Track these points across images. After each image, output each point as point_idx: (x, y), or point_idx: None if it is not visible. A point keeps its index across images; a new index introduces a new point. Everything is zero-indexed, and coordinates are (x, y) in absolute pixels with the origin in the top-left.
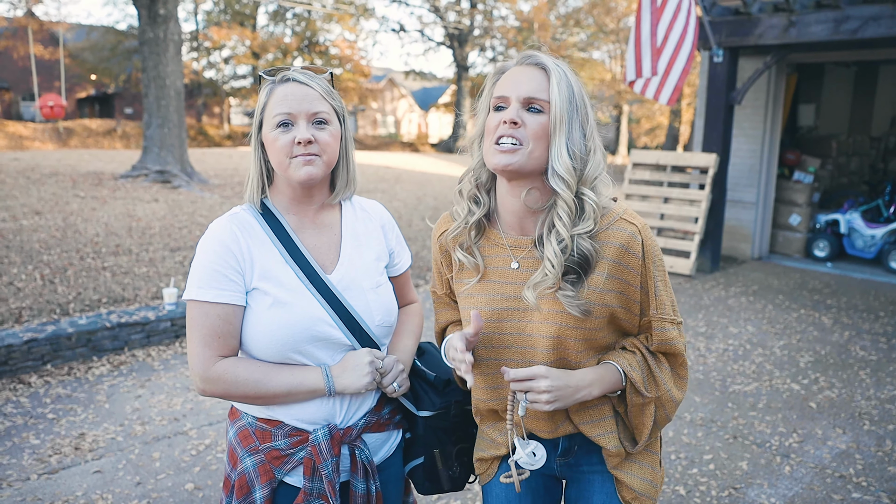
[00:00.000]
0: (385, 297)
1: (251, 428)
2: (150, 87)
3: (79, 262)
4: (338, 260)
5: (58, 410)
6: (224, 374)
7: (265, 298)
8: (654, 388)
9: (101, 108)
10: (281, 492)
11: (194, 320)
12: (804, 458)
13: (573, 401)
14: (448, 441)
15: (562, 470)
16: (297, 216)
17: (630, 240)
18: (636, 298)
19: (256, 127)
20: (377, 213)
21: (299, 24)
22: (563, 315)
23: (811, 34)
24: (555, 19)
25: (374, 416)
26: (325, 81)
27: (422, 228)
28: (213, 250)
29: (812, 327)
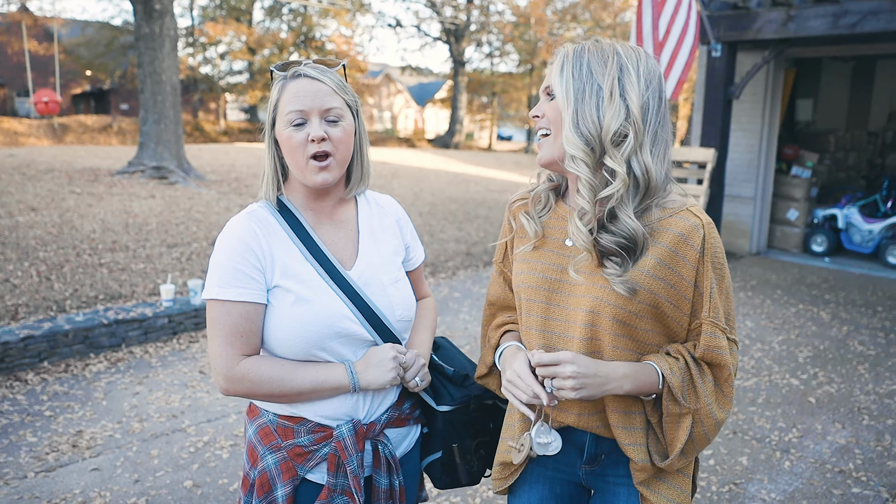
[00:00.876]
0: (404, 291)
1: (272, 425)
2: (146, 82)
3: (75, 259)
4: (356, 255)
5: (55, 408)
6: (248, 373)
7: (287, 296)
8: (693, 398)
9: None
10: (302, 489)
11: (216, 320)
12: (804, 453)
13: (601, 392)
14: (467, 436)
15: (588, 478)
16: (314, 212)
17: (691, 231)
18: (687, 295)
19: (270, 123)
20: (392, 208)
21: (295, 20)
22: (603, 290)
23: (810, 28)
24: (551, 14)
25: (396, 411)
26: (337, 75)
27: (419, 224)
28: (232, 248)
29: (811, 322)
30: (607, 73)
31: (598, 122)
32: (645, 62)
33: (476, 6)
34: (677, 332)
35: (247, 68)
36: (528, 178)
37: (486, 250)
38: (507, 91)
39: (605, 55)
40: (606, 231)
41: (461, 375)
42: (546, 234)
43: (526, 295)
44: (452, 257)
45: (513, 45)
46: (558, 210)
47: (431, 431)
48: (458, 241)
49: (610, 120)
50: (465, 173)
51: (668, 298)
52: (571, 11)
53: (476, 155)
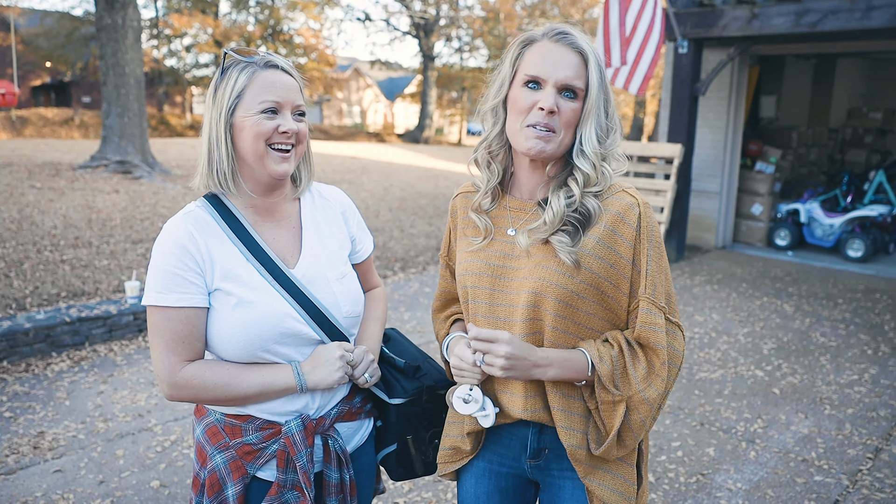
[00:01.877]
0: (351, 287)
1: (220, 424)
2: (109, 74)
3: (36, 256)
4: (300, 253)
5: (15, 409)
6: (192, 379)
7: (229, 299)
8: (626, 386)
9: (57, 97)
10: (253, 487)
11: (156, 326)
12: (768, 443)
13: (527, 375)
14: (421, 427)
15: (533, 472)
16: (255, 209)
17: (627, 209)
18: (626, 274)
19: (228, 109)
20: (337, 200)
21: (263, 12)
22: (546, 271)
23: (773, 27)
24: (521, 9)
25: (346, 405)
26: (300, 74)
27: (389, 219)
28: (170, 252)
29: (774, 314)
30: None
31: (607, 129)
32: None
33: (445, 1)
34: (619, 314)
35: (213, 61)
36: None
37: None
38: (476, 86)
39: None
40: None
41: (412, 367)
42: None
43: (471, 283)
44: (422, 252)
45: (482, 41)
46: (502, 202)
47: (385, 425)
48: (427, 235)
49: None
50: (434, 168)
51: (607, 278)
52: (541, 7)
53: (446, 150)
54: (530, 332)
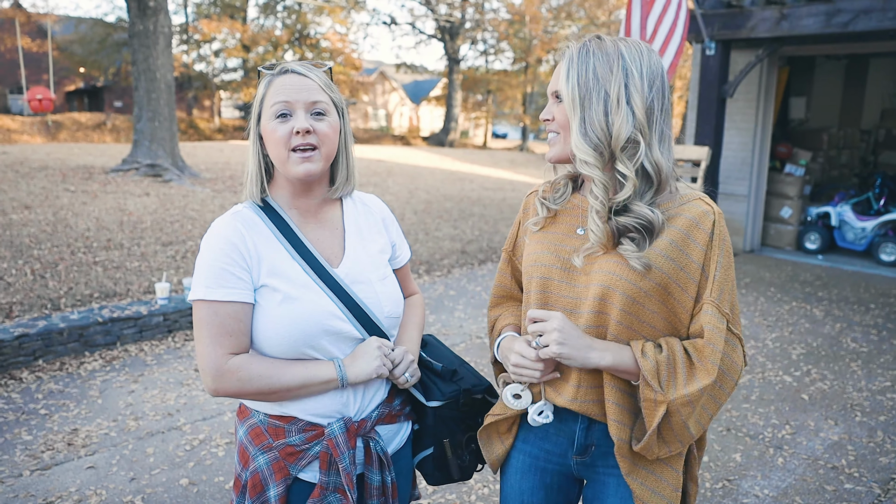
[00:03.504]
0: (392, 288)
1: (263, 425)
2: (141, 80)
3: (70, 257)
4: (343, 254)
5: (50, 406)
6: (237, 371)
7: (274, 295)
8: (670, 387)
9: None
10: (295, 488)
11: (203, 320)
12: (797, 449)
13: (583, 358)
14: (457, 430)
15: (579, 469)
16: (299, 211)
17: (703, 216)
18: (695, 277)
19: (255, 120)
20: (377, 207)
21: (290, 17)
22: (617, 265)
23: (803, 27)
24: (546, 12)
25: (387, 407)
26: (323, 74)
27: (414, 222)
28: (219, 248)
29: (804, 319)
30: (613, 80)
31: (606, 129)
32: (647, 59)
33: (471, 4)
34: (681, 316)
35: (241, 66)
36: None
37: (482, 248)
38: (501, 89)
39: (610, 58)
40: (622, 215)
41: (449, 371)
42: (559, 220)
43: (539, 273)
44: (447, 255)
45: (507, 43)
46: (573, 200)
47: (422, 428)
48: (453, 239)
49: (619, 128)
50: (460, 171)
51: (676, 280)
52: (566, 9)
53: (471, 153)
54: (595, 325)
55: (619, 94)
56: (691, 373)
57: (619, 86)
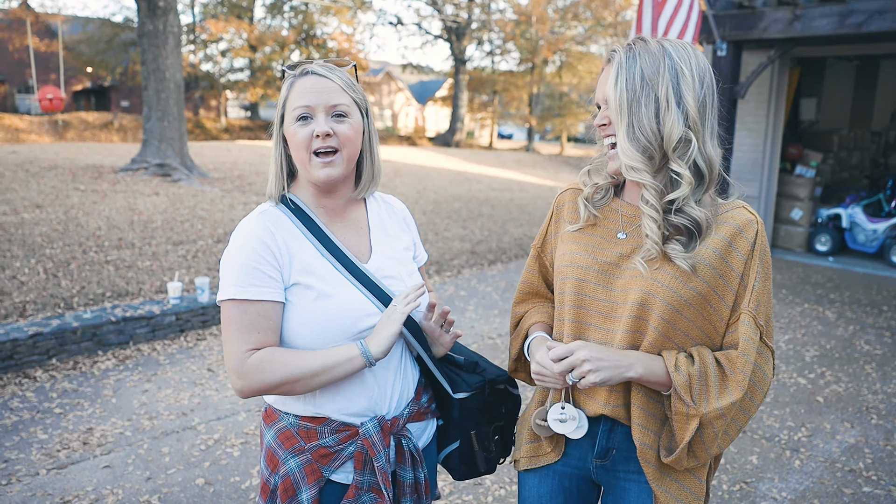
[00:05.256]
0: (419, 282)
1: (293, 428)
2: (150, 79)
3: (81, 256)
4: (370, 251)
5: (64, 405)
6: (260, 363)
7: (308, 292)
8: (702, 401)
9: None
10: (327, 490)
11: (232, 319)
12: (813, 452)
13: (620, 376)
14: (483, 421)
15: (598, 473)
16: (325, 209)
17: (746, 224)
18: (733, 286)
19: (278, 121)
20: (398, 206)
21: (296, 17)
22: (659, 272)
23: (816, 28)
24: (553, 13)
25: (416, 405)
26: (346, 74)
27: (423, 223)
28: (249, 247)
29: (816, 321)
30: (661, 80)
31: (657, 131)
32: (696, 58)
33: (477, 4)
34: (717, 326)
35: (248, 66)
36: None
37: (491, 249)
38: (508, 89)
39: (657, 59)
40: (670, 215)
41: (472, 363)
42: (597, 222)
43: (575, 275)
44: (457, 256)
45: (514, 44)
46: (613, 204)
47: (447, 422)
48: (462, 239)
49: (671, 129)
50: (467, 172)
51: (715, 288)
52: (573, 10)
53: (477, 153)
54: (632, 330)
55: (668, 95)
56: (723, 385)
57: (667, 86)
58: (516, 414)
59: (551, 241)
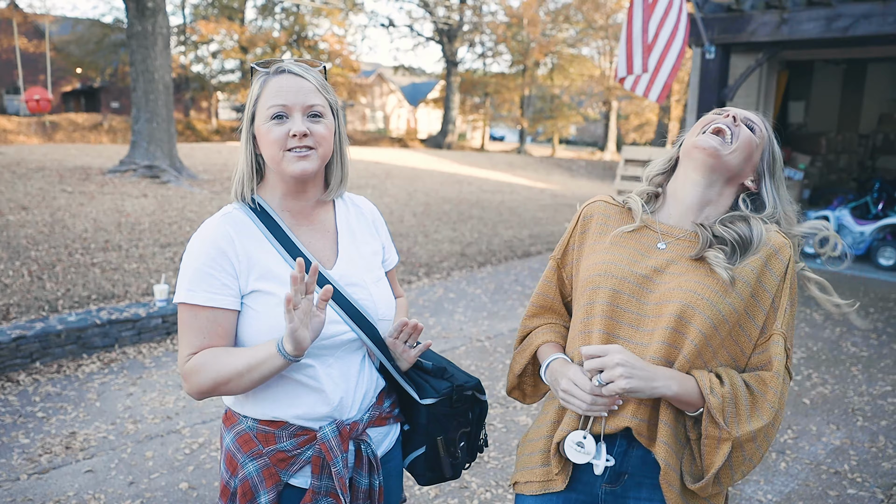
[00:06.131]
0: (386, 290)
1: (252, 432)
2: (139, 80)
3: (67, 258)
4: (336, 256)
5: (48, 409)
6: (194, 364)
7: (268, 298)
8: (735, 425)
9: (86, 102)
10: (286, 494)
11: (183, 322)
12: (799, 454)
13: (650, 388)
14: (450, 427)
15: (606, 499)
16: (291, 212)
17: (782, 247)
18: (765, 307)
19: (248, 119)
20: (368, 209)
21: (288, 19)
22: (699, 285)
23: (803, 31)
24: (544, 15)
25: (377, 409)
26: (319, 74)
27: (413, 225)
28: (205, 252)
29: (804, 323)
30: None
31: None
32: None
33: (469, 6)
34: (745, 348)
35: (239, 67)
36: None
37: (481, 251)
38: (499, 91)
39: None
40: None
41: (439, 368)
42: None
43: (609, 284)
44: (447, 258)
45: (505, 46)
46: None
47: (413, 427)
48: (452, 241)
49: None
50: (458, 173)
51: (748, 308)
52: (564, 12)
53: (469, 155)
54: (669, 343)
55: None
56: (754, 407)
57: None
58: (483, 420)
59: (572, 253)
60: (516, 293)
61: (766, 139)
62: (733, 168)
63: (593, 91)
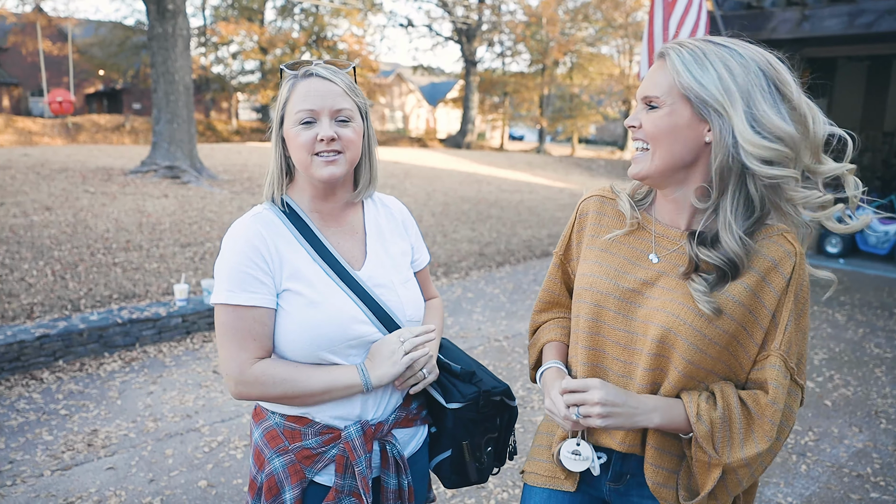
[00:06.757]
0: (414, 291)
1: (279, 428)
2: (159, 82)
3: (89, 258)
4: (364, 257)
5: (70, 406)
6: (261, 375)
7: (298, 299)
8: (726, 450)
9: (109, 104)
10: (310, 491)
11: (227, 325)
12: (820, 456)
13: (631, 423)
14: (476, 432)
15: (611, 495)
16: (321, 214)
17: (784, 258)
18: (763, 324)
19: (278, 122)
20: (398, 209)
21: (307, 20)
22: (682, 308)
23: (825, 28)
24: (563, 14)
25: (403, 411)
26: (348, 77)
27: (432, 224)
28: (240, 251)
29: (826, 324)
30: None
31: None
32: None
33: (488, 6)
34: (743, 363)
35: (258, 68)
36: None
37: (500, 251)
38: (518, 91)
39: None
40: (706, 246)
41: (468, 372)
42: (624, 240)
43: (592, 300)
44: (465, 257)
45: (524, 45)
46: (644, 223)
47: (440, 430)
48: (470, 241)
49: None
50: (477, 173)
51: (744, 326)
52: (583, 11)
53: (488, 155)
54: (653, 369)
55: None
56: (749, 433)
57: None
58: (512, 426)
59: (574, 248)
60: (534, 293)
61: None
62: (665, 170)
63: (613, 90)
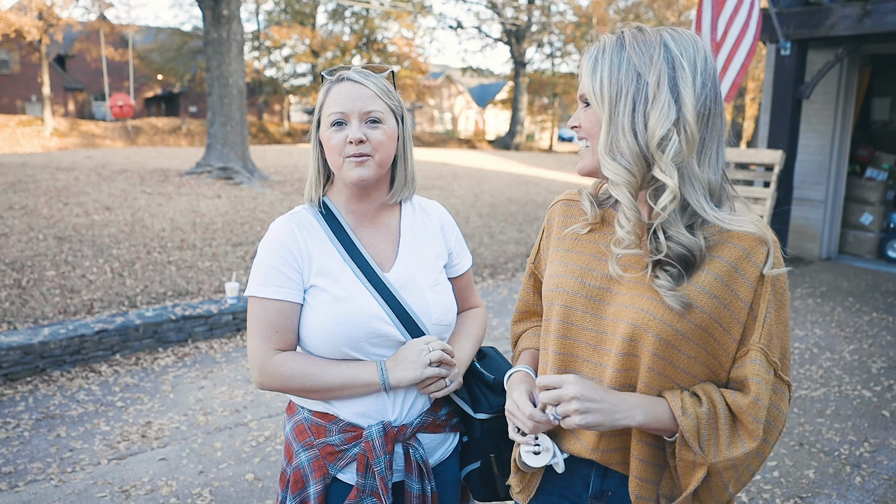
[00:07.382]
0: (444, 295)
1: (307, 423)
2: (214, 86)
3: (146, 256)
4: (395, 258)
5: (126, 399)
6: (280, 366)
7: (322, 295)
8: (711, 449)
9: (166, 107)
10: (334, 488)
11: (254, 316)
12: (877, 468)
13: (612, 421)
14: (505, 446)
15: None
16: (356, 214)
17: (754, 247)
18: (741, 318)
19: (315, 126)
20: (436, 213)
21: (358, 23)
22: (650, 302)
23: (888, 24)
24: (614, 14)
25: (431, 416)
26: (382, 80)
27: (479, 226)
28: (272, 248)
29: (885, 332)
30: (653, 69)
31: (644, 131)
32: (703, 54)
33: (537, 7)
34: (722, 361)
35: (310, 71)
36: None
37: None
38: (568, 92)
39: (651, 47)
40: (658, 240)
41: (501, 383)
42: (589, 238)
43: (561, 301)
44: (511, 259)
45: (574, 46)
46: (610, 218)
47: (470, 440)
48: (517, 242)
49: (655, 125)
50: (525, 175)
51: (719, 320)
52: (634, 10)
53: (536, 156)
54: (623, 369)
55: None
56: (735, 432)
57: (658, 77)
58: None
59: (543, 255)
60: None
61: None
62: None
63: None
